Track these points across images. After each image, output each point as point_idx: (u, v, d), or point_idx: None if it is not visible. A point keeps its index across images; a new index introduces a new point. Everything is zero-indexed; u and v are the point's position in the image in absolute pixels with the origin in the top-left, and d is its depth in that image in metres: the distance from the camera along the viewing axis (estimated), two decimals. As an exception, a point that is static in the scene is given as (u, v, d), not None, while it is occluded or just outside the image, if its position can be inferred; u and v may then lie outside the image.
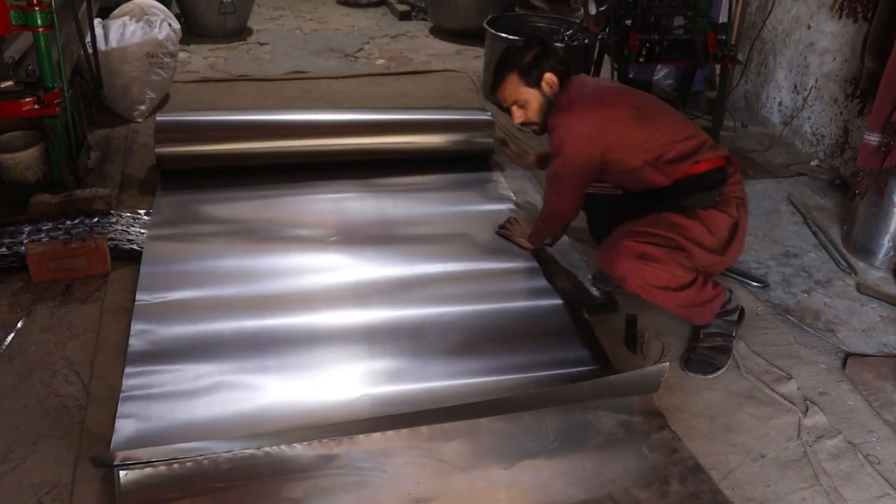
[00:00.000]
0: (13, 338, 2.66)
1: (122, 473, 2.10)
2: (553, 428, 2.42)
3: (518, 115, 2.92)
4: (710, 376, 2.67)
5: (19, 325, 2.73)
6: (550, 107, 2.86)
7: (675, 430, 2.42)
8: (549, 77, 2.84)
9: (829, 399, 2.62)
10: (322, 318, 2.85)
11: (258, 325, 2.78)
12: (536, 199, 3.80)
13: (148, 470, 2.12)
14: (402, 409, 2.41)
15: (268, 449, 2.22)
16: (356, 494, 2.15)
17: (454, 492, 2.19)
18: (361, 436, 2.31)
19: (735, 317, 2.81)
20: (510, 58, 2.87)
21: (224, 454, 2.18)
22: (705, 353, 2.72)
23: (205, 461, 2.16)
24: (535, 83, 2.85)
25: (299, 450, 2.24)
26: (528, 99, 2.87)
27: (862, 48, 3.78)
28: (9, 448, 2.22)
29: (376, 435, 2.32)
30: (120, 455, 2.11)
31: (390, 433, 2.33)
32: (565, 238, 3.47)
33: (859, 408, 2.59)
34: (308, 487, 2.15)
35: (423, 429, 2.37)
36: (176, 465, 2.14)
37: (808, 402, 2.59)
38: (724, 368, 2.70)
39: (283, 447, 2.24)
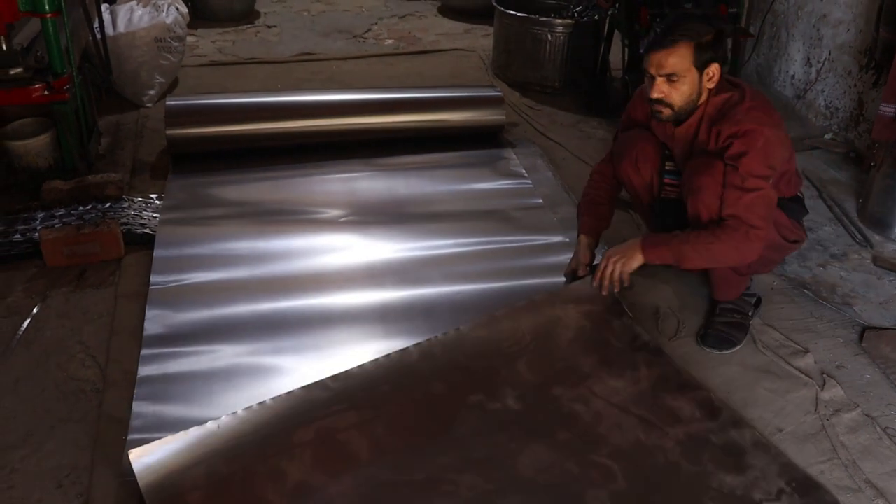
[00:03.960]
0: (29, 323, 2.68)
1: (131, 455, 2.06)
2: (528, 329, 2.58)
3: (662, 91, 2.46)
4: (726, 352, 2.66)
5: (35, 310, 2.74)
6: (696, 98, 2.49)
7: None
8: (715, 68, 2.46)
9: (846, 372, 2.61)
10: (336, 299, 2.85)
11: (272, 307, 2.79)
12: (548, 175, 3.78)
13: (158, 443, 2.10)
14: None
15: (269, 401, 2.23)
16: (363, 428, 2.19)
17: (446, 407, 2.30)
18: (356, 369, 2.37)
19: (752, 300, 2.80)
20: (692, 26, 2.43)
21: (228, 415, 2.18)
22: (722, 328, 2.70)
23: (213, 425, 2.15)
24: (702, 66, 2.43)
25: (299, 394, 2.27)
26: (685, 78, 2.44)
27: (877, 18, 3.73)
28: (28, 432, 2.24)
29: (368, 366, 2.39)
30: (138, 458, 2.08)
31: (381, 360, 2.41)
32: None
33: (877, 381, 2.58)
34: (318, 429, 2.17)
35: (412, 349, 2.46)
36: (185, 435, 2.12)
37: (825, 375, 2.58)
38: (741, 345, 2.69)
39: (283, 395, 2.26)
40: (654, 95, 2.47)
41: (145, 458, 2.05)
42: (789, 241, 2.71)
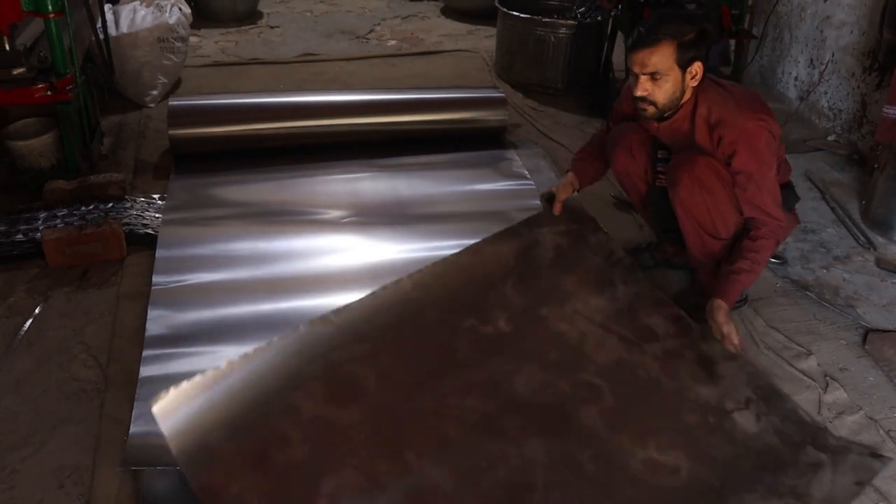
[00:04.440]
0: (31, 323, 2.68)
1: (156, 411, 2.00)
2: (511, 253, 2.73)
3: (646, 89, 2.51)
4: None
5: (37, 310, 2.74)
6: (679, 96, 2.55)
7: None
8: (698, 66, 2.50)
9: (849, 375, 2.60)
10: (338, 300, 2.82)
11: (274, 308, 2.78)
12: (551, 176, 3.77)
13: (176, 394, 2.04)
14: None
15: (276, 339, 2.24)
16: (367, 359, 2.24)
17: (443, 334, 2.42)
18: (355, 303, 2.43)
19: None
20: (674, 26, 2.46)
21: (240, 356, 2.16)
22: (689, 311, 2.71)
23: (226, 367, 2.13)
24: (685, 64, 2.48)
25: (304, 330, 2.30)
26: (668, 76, 2.49)
27: (880, 20, 3.73)
28: (29, 432, 2.24)
29: (366, 299, 2.45)
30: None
31: (378, 292, 2.47)
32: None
33: (880, 383, 2.57)
34: (325, 363, 2.20)
35: (405, 280, 2.54)
36: (202, 380, 2.09)
37: (828, 378, 2.58)
38: None
39: (289, 332, 2.28)
40: (638, 93, 2.53)
41: (170, 418, 2.01)
42: None
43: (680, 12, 2.60)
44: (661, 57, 2.45)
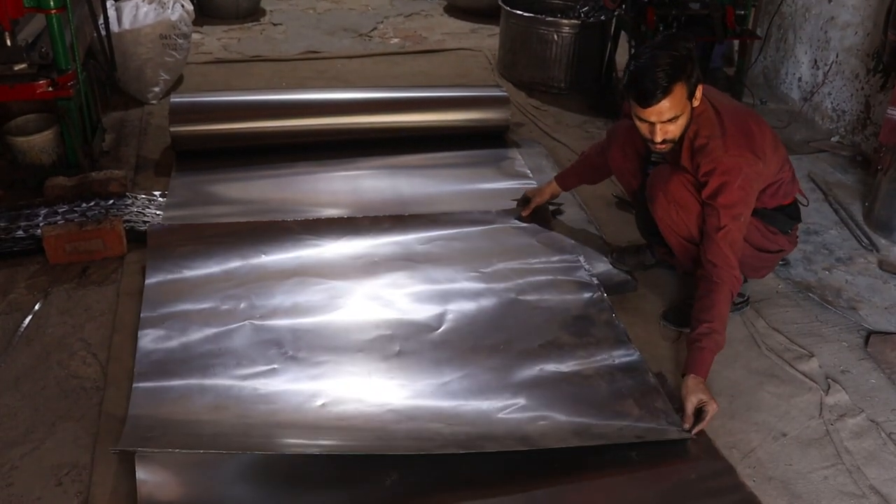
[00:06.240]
0: (31, 320, 2.67)
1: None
2: (468, 225, 3.28)
3: (666, 131, 2.45)
4: (683, 330, 2.71)
5: (37, 307, 2.73)
6: (690, 122, 2.50)
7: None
8: (699, 89, 2.47)
9: (851, 377, 2.59)
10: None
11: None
12: (553, 175, 3.75)
13: None
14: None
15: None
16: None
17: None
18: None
19: (740, 299, 2.82)
20: (674, 61, 2.36)
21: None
22: (686, 309, 2.73)
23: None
24: (692, 94, 2.44)
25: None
26: (684, 113, 2.45)
27: (885, 21, 3.72)
28: (28, 429, 2.23)
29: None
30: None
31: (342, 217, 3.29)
32: (583, 214, 3.44)
33: (882, 386, 2.56)
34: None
35: (365, 218, 3.27)
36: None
37: (829, 380, 2.57)
38: None
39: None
40: (660, 139, 2.47)
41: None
42: (767, 252, 2.76)
43: (666, 42, 2.45)
44: (675, 100, 2.39)
